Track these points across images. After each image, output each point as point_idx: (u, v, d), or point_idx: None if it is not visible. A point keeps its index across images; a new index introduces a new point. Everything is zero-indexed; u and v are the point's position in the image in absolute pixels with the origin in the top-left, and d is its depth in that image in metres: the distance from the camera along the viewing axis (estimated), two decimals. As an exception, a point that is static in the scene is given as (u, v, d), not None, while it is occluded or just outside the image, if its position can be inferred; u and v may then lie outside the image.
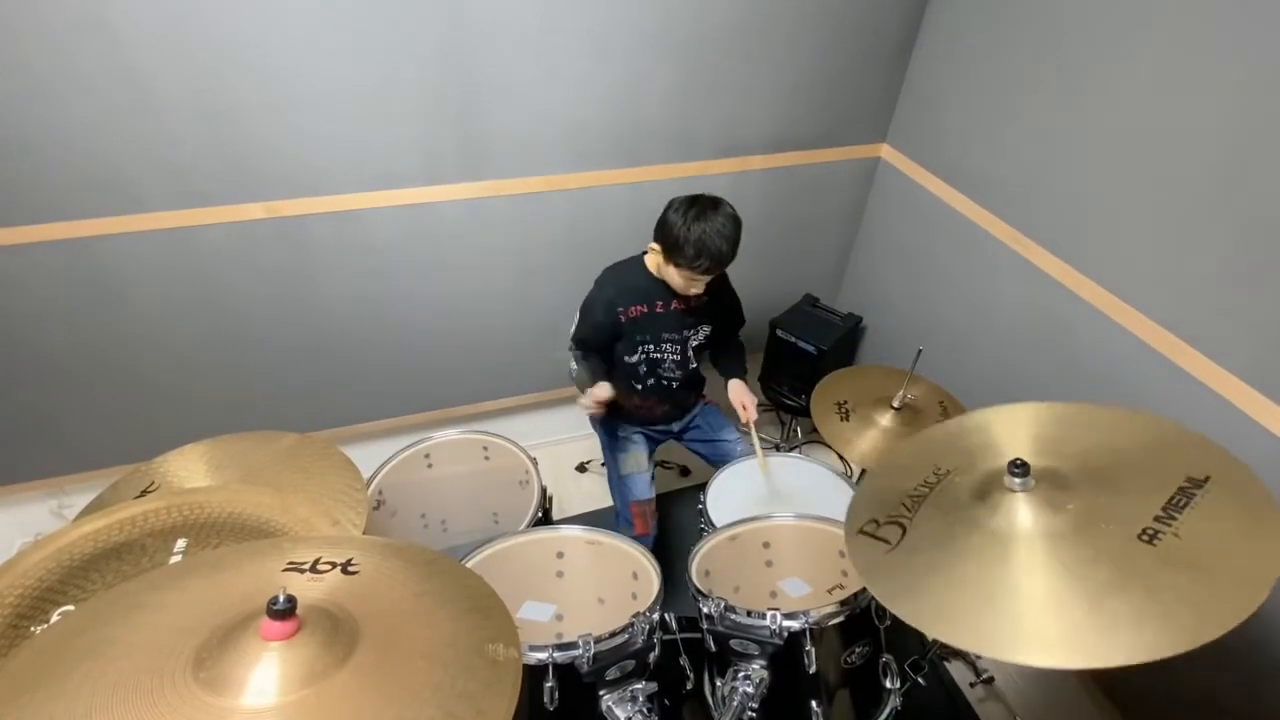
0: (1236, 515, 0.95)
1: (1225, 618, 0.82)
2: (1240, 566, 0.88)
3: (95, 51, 1.54)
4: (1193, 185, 1.47)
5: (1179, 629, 0.83)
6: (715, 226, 1.58)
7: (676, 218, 1.61)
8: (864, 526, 1.14)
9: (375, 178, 1.89)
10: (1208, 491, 0.99)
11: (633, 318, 1.78)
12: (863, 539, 1.12)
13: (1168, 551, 0.92)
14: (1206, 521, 0.95)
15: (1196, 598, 0.87)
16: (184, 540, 1.07)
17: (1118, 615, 0.87)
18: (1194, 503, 0.97)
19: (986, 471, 1.12)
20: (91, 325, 1.90)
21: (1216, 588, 0.87)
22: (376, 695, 0.73)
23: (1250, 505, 0.96)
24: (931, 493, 1.15)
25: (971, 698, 1.89)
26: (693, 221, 1.59)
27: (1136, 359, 1.63)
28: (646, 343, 1.82)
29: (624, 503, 1.94)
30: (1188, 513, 0.96)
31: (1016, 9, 1.80)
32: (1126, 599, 0.88)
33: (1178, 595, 0.87)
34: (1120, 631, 0.86)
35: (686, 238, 1.59)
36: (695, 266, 1.62)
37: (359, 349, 2.20)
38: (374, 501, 1.66)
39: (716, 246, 1.59)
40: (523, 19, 1.76)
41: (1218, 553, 0.91)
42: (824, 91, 2.15)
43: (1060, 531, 0.99)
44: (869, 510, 1.17)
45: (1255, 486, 0.98)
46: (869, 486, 1.25)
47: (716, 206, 1.62)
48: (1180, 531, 0.94)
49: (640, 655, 1.27)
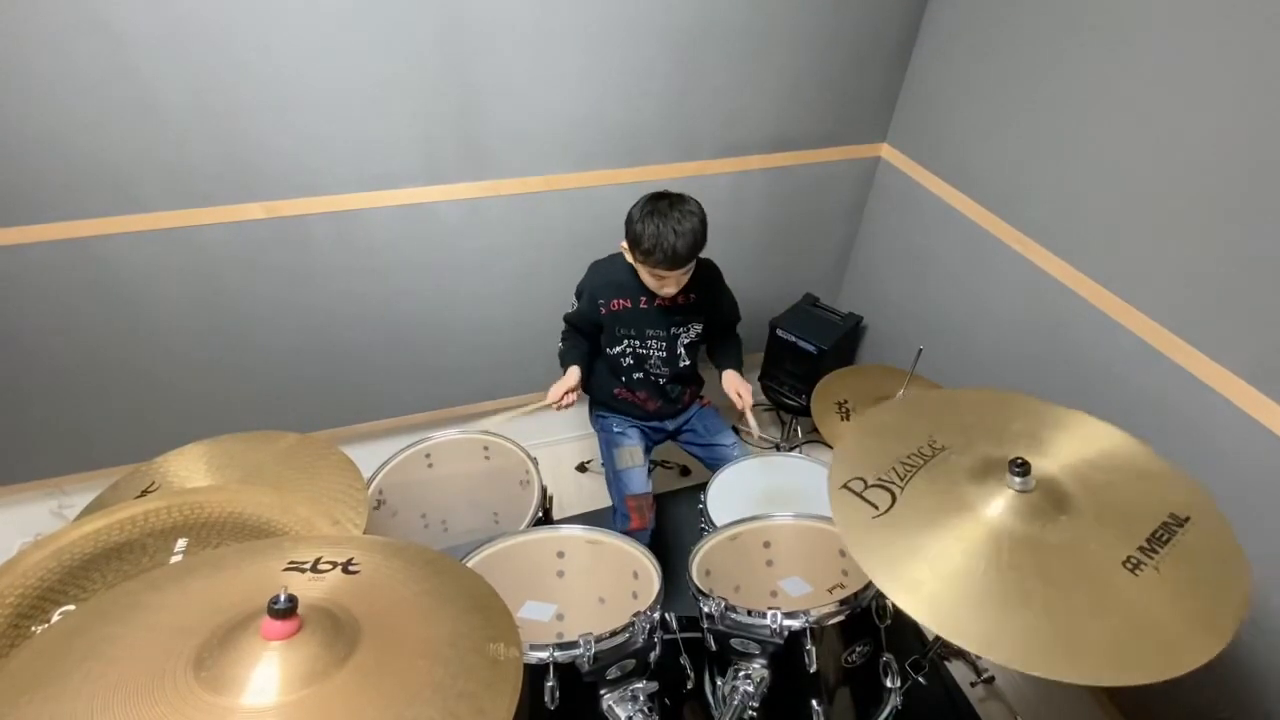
0: (1210, 560, 0.98)
1: (1189, 659, 0.86)
2: (1207, 611, 0.92)
3: (95, 52, 1.54)
4: (1193, 183, 1.47)
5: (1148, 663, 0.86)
6: (671, 224, 1.58)
7: (636, 213, 1.62)
8: (849, 482, 1.12)
9: (375, 178, 1.89)
10: (1186, 532, 1.02)
11: (614, 311, 1.79)
12: (847, 495, 1.11)
13: (1148, 584, 0.94)
14: (1183, 561, 0.97)
15: (1168, 636, 0.89)
16: (184, 540, 1.07)
17: (1097, 637, 0.89)
18: (1174, 540, 1.00)
19: (984, 458, 1.12)
20: (91, 325, 1.90)
21: (1187, 629, 0.90)
22: (377, 695, 0.73)
23: (1221, 553, 0.99)
24: (925, 465, 1.14)
25: (972, 697, 1.89)
26: (648, 218, 1.59)
27: (1137, 358, 1.63)
28: (631, 337, 1.82)
29: (620, 497, 1.94)
30: (1169, 549, 0.99)
31: (1016, 8, 1.80)
32: (1107, 623, 0.90)
33: (1151, 630, 0.90)
34: (1095, 652, 0.88)
35: (642, 233, 1.59)
36: (649, 263, 1.62)
37: (359, 349, 2.20)
38: (374, 501, 1.66)
39: (670, 244, 1.58)
40: (522, 19, 1.76)
41: (1191, 595, 0.94)
42: (824, 91, 2.14)
43: (1051, 542, 1.00)
44: (855, 466, 1.15)
45: (1227, 535, 1.02)
46: (855, 441, 1.23)
47: (676, 204, 1.61)
48: (1160, 566, 0.97)
49: (641, 654, 1.27)
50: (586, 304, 1.81)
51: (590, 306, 1.80)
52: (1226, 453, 1.48)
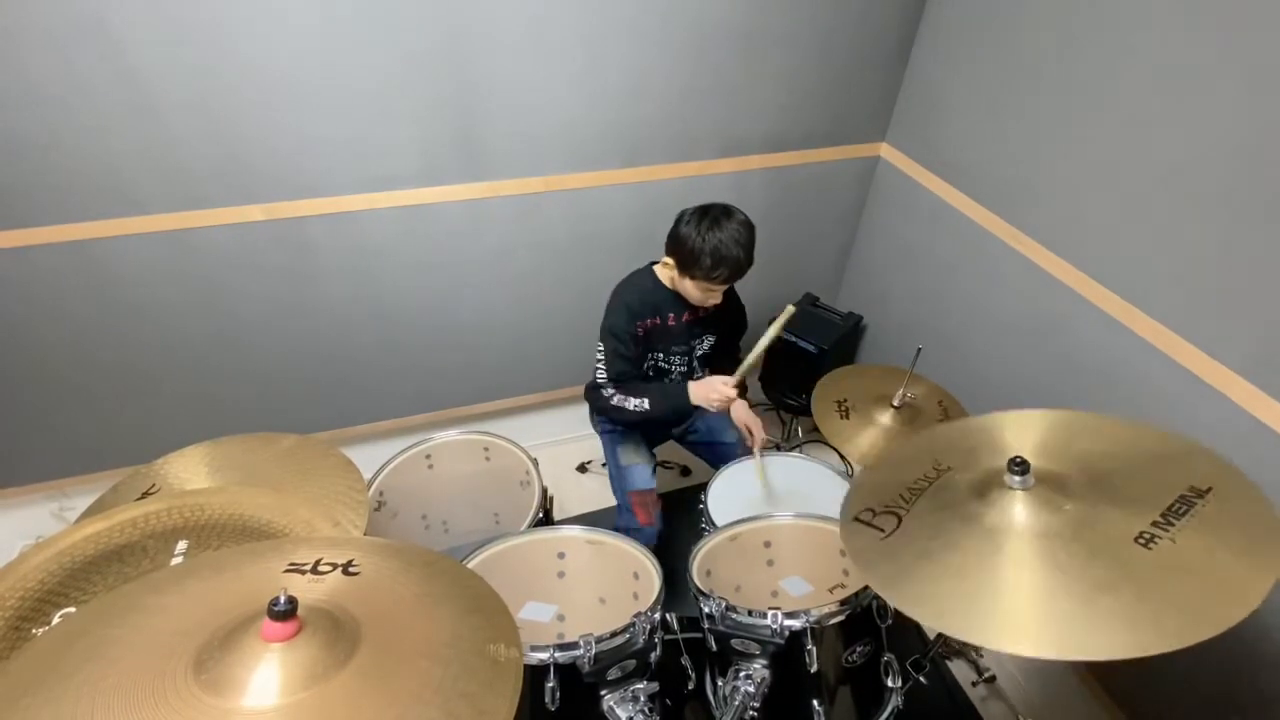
0: (1236, 527, 0.96)
1: (1211, 624, 0.84)
2: (1232, 577, 0.90)
3: (94, 54, 1.54)
4: (1193, 182, 1.47)
5: (1165, 630, 0.85)
6: (730, 234, 1.57)
7: (690, 230, 1.60)
8: (859, 514, 1.14)
9: (374, 179, 1.89)
10: (1208, 502, 1.00)
11: (646, 329, 1.77)
12: (857, 526, 1.12)
13: (1163, 556, 0.93)
14: (1204, 531, 0.96)
15: (1186, 602, 0.88)
16: (185, 542, 1.07)
17: (1108, 612, 0.88)
18: (1193, 511, 0.99)
19: (987, 470, 1.12)
20: (91, 327, 1.90)
21: (1207, 595, 0.89)
22: (378, 696, 0.73)
23: (1251, 519, 0.97)
24: (930, 486, 1.15)
25: (973, 696, 1.89)
26: (706, 232, 1.58)
27: (1137, 357, 1.63)
28: (655, 353, 1.82)
29: (624, 493, 1.93)
30: (1187, 520, 0.98)
31: (1016, 7, 1.80)
32: (1117, 597, 0.90)
33: (1167, 598, 0.89)
34: (1108, 628, 0.87)
35: (702, 248, 1.57)
36: (714, 277, 1.60)
37: (359, 350, 2.20)
38: (375, 502, 1.66)
39: (734, 255, 1.58)
40: (521, 19, 1.76)
41: (1212, 562, 0.92)
42: (824, 91, 2.15)
43: (1056, 530, 1.00)
44: (865, 500, 1.17)
45: (1259, 502, 0.99)
46: (868, 479, 1.25)
47: (729, 215, 1.60)
48: (1177, 538, 0.95)
49: (641, 655, 1.27)
50: (628, 325, 1.71)
51: (631, 327, 1.72)
52: (1226, 450, 1.47)
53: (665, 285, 1.75)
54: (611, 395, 1.74)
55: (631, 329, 1.73)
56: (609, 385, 1.75)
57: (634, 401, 1.73)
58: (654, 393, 1.74)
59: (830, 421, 1.75)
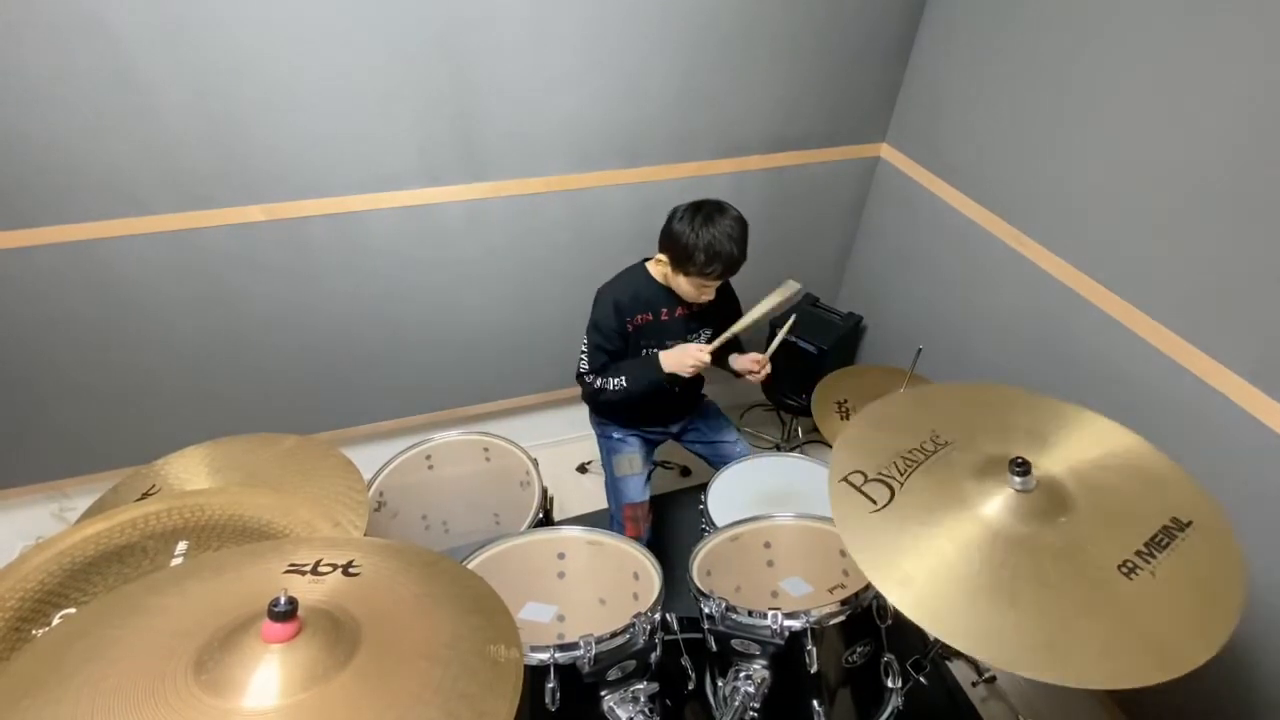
0: (1208, 568, 0.97)
1: (1176, 667, 0.86)
2: (1197, 621, 0.91)
3: (95, 54, 1.54)
4: (1194, 182, 1.47)
5: (1137, 665, 0.86)
6: (723, 230, 1.58)
7: (683, 226, 1.60)
8: (849, 475, 1.12)
9: (375, 179, 1.89)
10: (1187, 537, 1.01)
11: (638, 326, 1.77)
12: (846, 489, 1.10)
13: (1142, 588, 0.94)
14: (1181, 566, 0.97)
15: (1158, 640, 0.89)
16: (185, 543, 1.07)
17: (1086, 637, 0.89)
18: (1174, 545, 1.00)
19: (988, 455, 1.11)
20: (92, 328, 1.90)
21: (1176, 634, 0.90)
22: (378, 697, 0.73)
23: (1220, 561, 0.98)
24: (927, 460, 1.13)
25: (974, 697, 1.89)
26: (700, 228, 1.58)
27: (1137, 358, 1.63)
28: (652, 349, 1.82)
29: (617, 505, 1.94)
30: (1167, 554, 0.98)
31: (1016, 7, 1.80)
32: (1095, 624, 0.90)
33: (1140, 633, 0.90)
34: (1082, 653, 0.88)
35: (695, 244, 1.58)
36: (708, 273, 1.61)
37: (360, 351, 2.20)
38: (375, 503, 1.66)
39: (728, 250, 1.58)
40: (521, 20, 1.76)
41: (1182, 602, 0.93)
42: (824, 91, 2.15)
43: (1049, 543, 1.00)
44: (855, 460, 1.14)
45: (1229, 543, 1.01)
46: (857, 433, 1.22)
47: (721, 211, 1.61)
48: (1157, 571, 0.96)
49: (642, 655, 1.27)
50: (615, 321, 1.73)
51: (619, 323, 1.74)
52: (1227, 452, 1.48)
53: (658, 281, 1.76)
54: (593, 381, 1.78)
55: (618, 325, 1.74)
56: (590, 374, 1.78)
57: (613, 382, 1.76)
58: (628, 369, 1.76)
59: (830, 422, 1.75)
